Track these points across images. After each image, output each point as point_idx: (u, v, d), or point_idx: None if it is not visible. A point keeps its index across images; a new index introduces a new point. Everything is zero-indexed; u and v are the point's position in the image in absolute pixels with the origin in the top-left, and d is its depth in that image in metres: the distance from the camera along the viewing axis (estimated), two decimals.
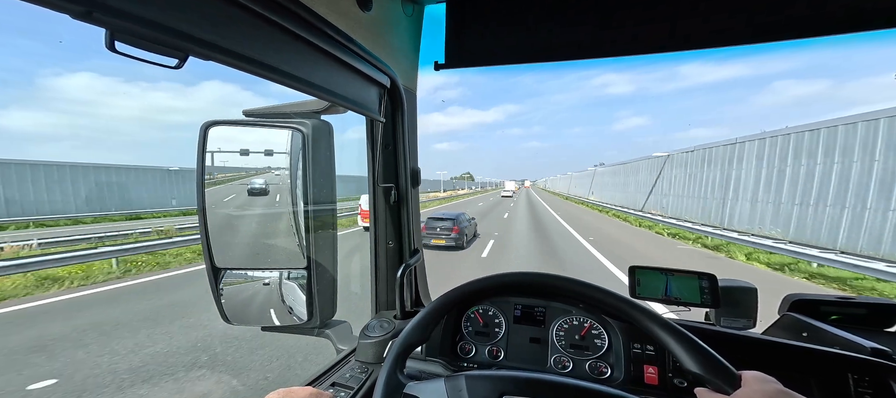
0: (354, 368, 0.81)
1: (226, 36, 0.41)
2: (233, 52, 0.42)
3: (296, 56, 0.52)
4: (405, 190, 0.98)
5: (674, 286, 0.80)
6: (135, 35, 0.33)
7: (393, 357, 0.56)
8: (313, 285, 0.82)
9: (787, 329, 0.88)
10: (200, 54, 0.38)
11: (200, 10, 0.38)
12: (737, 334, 0.78)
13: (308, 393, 0.53)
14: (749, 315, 0.84)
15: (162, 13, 0.34)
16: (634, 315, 0.56)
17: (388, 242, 1.01)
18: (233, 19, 0.41)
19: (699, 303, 0.77)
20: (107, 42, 0.31)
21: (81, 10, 0.29)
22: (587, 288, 0.61)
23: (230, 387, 3.14)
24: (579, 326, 0.85)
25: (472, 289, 0.65)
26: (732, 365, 0.49)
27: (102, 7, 0.30)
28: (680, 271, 0.80)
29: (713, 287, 0.77)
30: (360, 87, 0.72)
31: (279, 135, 0.82)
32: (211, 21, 0.39)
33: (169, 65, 0.36)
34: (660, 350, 0.75)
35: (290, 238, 0.85)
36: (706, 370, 0.48)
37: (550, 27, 0.83)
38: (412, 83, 0.98)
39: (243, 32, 0.43)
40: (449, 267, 7.48)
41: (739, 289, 0.84)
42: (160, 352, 3.84)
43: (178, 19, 0.36)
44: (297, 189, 0.81)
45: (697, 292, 0.78)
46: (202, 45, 0.38)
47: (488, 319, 0.91)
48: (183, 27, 0.36)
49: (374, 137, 0.93)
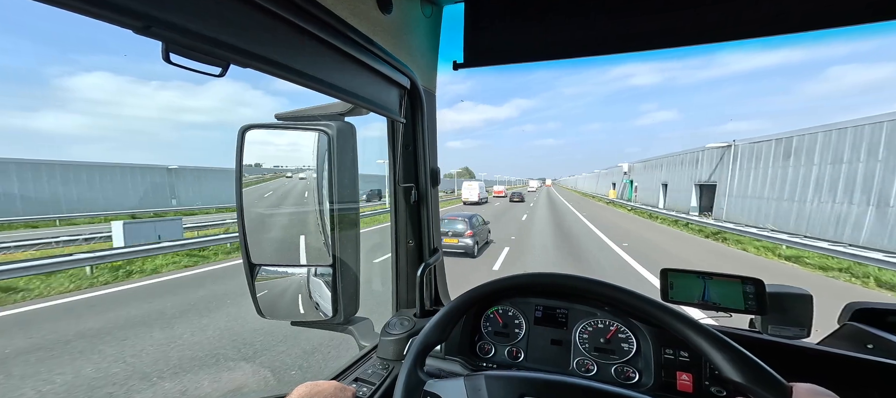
0: (376, 364, 0.83)
1: (262, 44, 0.44)
2: (268, 60, 0.45)
3: (322, 60, 0.54)
4: (425, 189, 0.99)
5: (713, 291, 0.74)
6: (186, 47, 0.36)
7: (413, 355, 0.56)
8: (338, 282, 0.85)
9: (848, 340, 0.78)
10: (240, 62, 0.41)
11: (241, 22, 0.41)
12: (787, 343, 0.71)
13: (333, 387, 0.55)
14: (802, 324, 0.76)
15: (208, 26, 0.38)
16: (665, 319, 0.53)
17: (408, 241, 1.03)
18: (268, 28, 0.44)
19: (742, 309, 0.71)
20: (163, 54, 0.35)
21: (141, 26, 0.32)
22: (616, 290, 0.58)
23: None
24: (605, 329, 0.81)
25: (493, 289, 0.64)
26: (785, 377, 0.44)
27: (159, 22, 0.33)
28: (720, 275, 0.74)
29: (759, 292, 0.70)
30: (382, 88, 0.74)
31: (307, 137, 0.86)
32: (250, 31, 0.42)
33: (213, 73, 0.40)
34: (695, 356, 0.70)
35: (316, 236, 0.89)
36: (751, 380, 0.44)
37: (572, 23, 0.81)
38: (431, 83, 0.99)
39: (277, 40, 0.46)
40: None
41: (791, 296, 0.77)
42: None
43: (222, 31, 0.39)
44: (323, 189, 0.85)
45: (740, 297, 0.72)
46: (242, 54, 0.41)
47: (508, 320, 0.90)
48: (225, 38, 0.39)
49: (395, 138, 0.95)
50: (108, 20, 0.31)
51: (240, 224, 0.80)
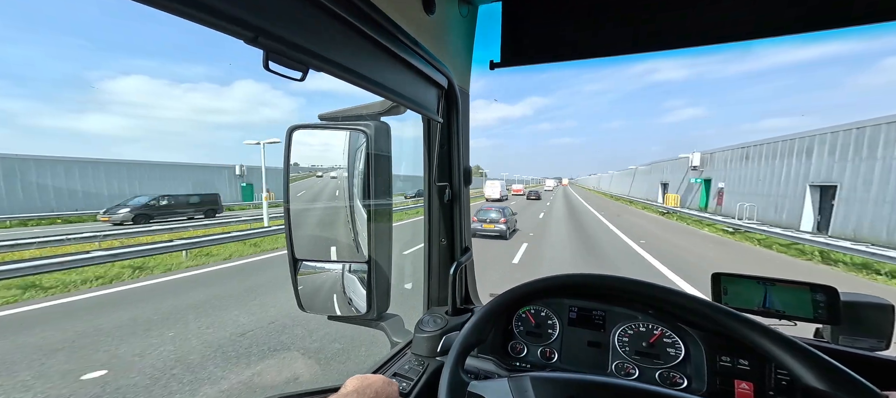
0: (412, 360, 0.84)
1: (332, 49, 0.47)
2: (337, 63, 0.48)
3: (376, 62, 0.57)
4: (458, 189, 0.99)
5: (775, 297, 0.69)
6: (280, 54, 0.40)
7: (455, 356, 0.56)
8: (372, 279, 0.86)
9: None
10: (315, 66, 0.45)
11: (320, 30, 0.45)
12: (865, 355, 0.65)
13: (381, 380, 0.57)
14: (880, 335, 0.69)
15: (297, 35, 0.42)
16: (727, 323, 0.49)
17: (441, 240, 1.03)
18: (339, 34, 0.48)
19: (811, 317, 0.65)
20: (263, 63, 0.39)
21: (251, 37, 0.36)
22: (666, 293, 0.55)
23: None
24: (647, 333, 0.78)
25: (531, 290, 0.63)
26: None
27: (266, 33, 0.37)
28: (785, 281, 0.69)
29: (832, 301, 0.64)
30: (422, 88, 0.76)
31: (340, 137, 0.89)
32: (325, 38, 0.46)
33: (296, 78, 0.43)
34: (757, 365, 0.65)
35: (351, 234, 0.91)
36: (837, 386, 0.41)
37: (610, 21, 0.79)
38: (466, 83, 1.00)
39: (344, 45, 0.49)
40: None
41: (869, 306, 0.69)
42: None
43: (307, 39, 0.43)
44: (360, 187, 0.87)
45: (809, 305, 0.66)
46: (318, 59, 0.45)
47: (541, 320, 0.89)
48: (309, 45, 0.43)
49: (431, 137, 0.96)
50: (224, 31, 0.35)
51: (286, 220, 0.84)
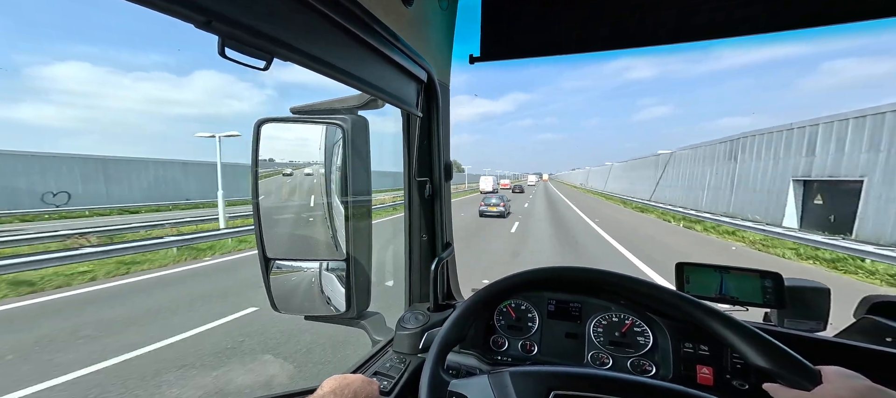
0: (393, 358, 0.83)
1: (302, 38, 0.44)
2: (306, 53, 0.45)
3: (351, 53, 0.54)
4: (439, 183, 0.99)
5: (730, 284, 0.74)
6: (239, 41, 0.37)
7: (435, 355, 0.56)
8: (351, 277, 0.85)
9: (865, 333, 0.79)
10: (282, 56, 0.42)
11: (285, 17, 0.42)
12: (805, 335, 0.72)
13: (361, 380, 0.56)
14: (818, 317, 0.76)
15: (258, 21, 0.38)
16: (688, 309, 0.53)
17: (422, 236, 1.02)
18: (308, 23, 0.45)
19: (761, 302, 0.71)
20: (219, 49, 0.35)
21: (203, 20, 0.33)
22: (635, 283, 0.58)
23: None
24: (619, 323, 0.82)
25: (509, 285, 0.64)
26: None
27: (219, 17, 0.34)
28: (738, 269, 0.74)
29: (778, 286, 0.71)
30: (401, 82, 0.74)
31: (316, 131, 0.85)
32: (292, 26, 0.43)
33: (259, 67, 0.40)
34: (716, 350, 0.71)
35: (329, 231, 0.88)
36: (780, 366, 0.45)
37: (590, 17, 0.80)
38: (446, 77, 0.98)
39: (315, 34, 0.46)
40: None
41: (809, 290, 0.77)
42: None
43: (270, 26, 0.39)
44: (336, 183, 0.84)
45: (759, 291, 0.72)
46: (285, 48, 0.42)
47: (521, 314, 0.91)
48: (273, 32, 0.40)
49: (411, 132, 0.94)
50: (174, 14, 0.31)
51: (256, 218, 0.79)
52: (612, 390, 0.48)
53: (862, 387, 0.40)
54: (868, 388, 0.40)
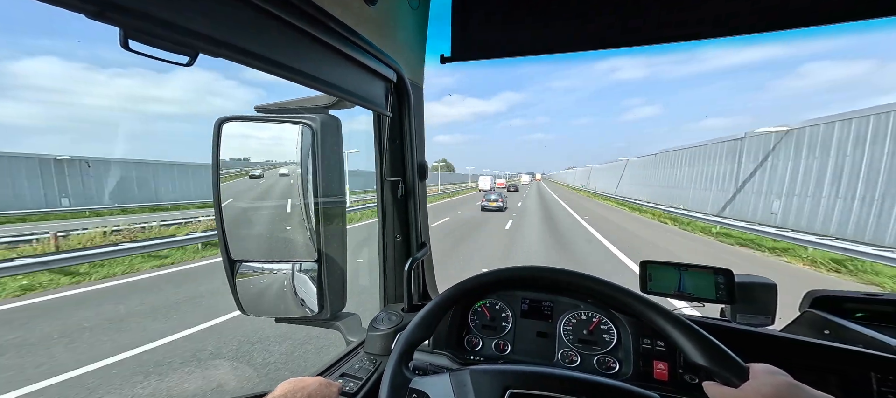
0: (363, 360, 0.83)
1: (234, 33, 0.41)
2: (242, 49, 0.42)
3: (302, 52, 0.52)
4: (412, 184, 0.98)
5: (688, 281, 0.78)
6: (148, 34, 0.34)
7: (398, 353, 0.57)
8: (324, 278, 0.84)
9: (807, 326, 0.84)
10: (210, 52, 0.39)
11: (210, 8, 0.38)
12: (752, 331, 0.76)
13: (317, 382, 0.55)
14: (767, 312, 0.81)
15: (172, 12, 0.35)
16: (640, 309, 0.55)
17: (396, 236, 1.02)
18: (241, 17, 0.42)
19: (714, 298, 0.75)
20: (121, 41, 0.32)
21: (94, 10, 0.30)
22: (596, 283, 0.60)
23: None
24: (588, 321, 0.84)
25: (476, 284, 0.65)
26: (747, 361, 0.48)
27: (113, 6, 0.30)
28: (695, 266, 0.78)
29: (729, 282, 0.74)
30: (367, 82, 0.73)
31: (290, 130, 0.84)
32: (220, 19, 0.40)
33: (181, 62, 0.37)
34: (670, 346, 0.74)
35: (301, 232, 0.87)
36: (713, 363, 0.48)
37: (559, 19, 0.81)
38: (418, 77, 0.98)
39: (251, 29, 0.44)
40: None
41: (758, 286, 0.81)
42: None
43: (188, 18, 0.36)
44: (308, 183, 0.83)
45: (712, 288, 0.76)
46: (212, 43, 0.39)
47: (495, 313, 0.91)
48: (193, 25, 0.37)
49: (381, 132, 0.93)
50: (57, 4, 0.28)
51: (218, 219, 0.77)
52: (565, 389, 0.50)
53: (782, 383, 0.43)
54: (787, 385, 0.43)
